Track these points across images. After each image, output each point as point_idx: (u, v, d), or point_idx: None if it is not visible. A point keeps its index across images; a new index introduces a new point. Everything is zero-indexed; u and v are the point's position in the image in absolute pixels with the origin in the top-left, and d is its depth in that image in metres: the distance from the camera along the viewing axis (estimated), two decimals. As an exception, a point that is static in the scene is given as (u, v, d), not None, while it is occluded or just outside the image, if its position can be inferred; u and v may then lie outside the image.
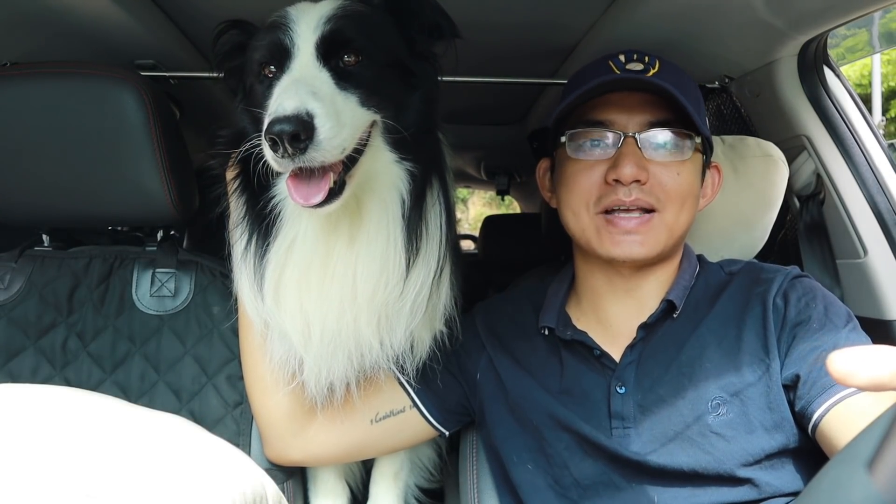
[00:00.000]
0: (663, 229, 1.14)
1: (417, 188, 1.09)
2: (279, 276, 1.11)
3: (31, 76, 1.30)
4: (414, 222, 1.08)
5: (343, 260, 1.09)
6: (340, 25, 1.02)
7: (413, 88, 1.11)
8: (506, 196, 4.70)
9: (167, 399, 1.39)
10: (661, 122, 1.13)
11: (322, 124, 0.91)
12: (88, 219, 1.45)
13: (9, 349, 1.40)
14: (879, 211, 1.50)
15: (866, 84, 10.43)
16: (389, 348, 1.15)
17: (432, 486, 1.59)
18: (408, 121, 1.08)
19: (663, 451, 1.07)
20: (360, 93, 1.01)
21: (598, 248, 1.15)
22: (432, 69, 1.14)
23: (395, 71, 1.09)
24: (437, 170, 1.12)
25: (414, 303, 1.11)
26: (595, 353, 1.17)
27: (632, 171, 1.10)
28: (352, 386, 1.21)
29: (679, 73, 1.19)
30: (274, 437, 1.30)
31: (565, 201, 1.20)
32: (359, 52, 1.02)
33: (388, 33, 1.10)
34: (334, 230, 1.08)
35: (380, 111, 1.04)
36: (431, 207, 1.11)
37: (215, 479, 0.82)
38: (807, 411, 1.01)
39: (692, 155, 1.15)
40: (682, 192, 1.14)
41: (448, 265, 1.16)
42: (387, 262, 1.08)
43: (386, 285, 1.08)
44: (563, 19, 1.61)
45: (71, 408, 0.85)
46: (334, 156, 0.94)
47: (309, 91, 0.95)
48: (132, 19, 1.46)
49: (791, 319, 1.09)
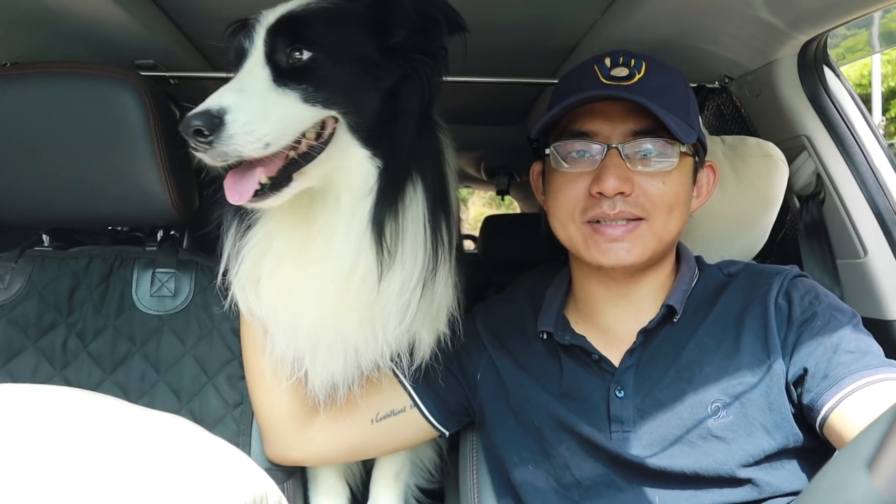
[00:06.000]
0: (651, 236, 1.12)
1: (389, 186, 1.06)
2: (258, 268, 1.12)
3: (31, 76, 1.30)
4: (385, 221, 1.05)
5: (317, 256, 1.09)
6: (292, 23, 1.03)
7: (380, 83, 1.07)
8: (506, 196, 4.70)
9: (167, 399, 1.39)
10: (645, 132, 1.11)
11: (234, 119, 0.93)
12: (88, 219, 1.45)
13: (9, 349, 1.40)
14: (879, 211, 1.50)
15: (866, 84, 10.42)
16: (384, 347, 1.14)
17: (432, 487, 1.59)
18: (377, 118, 1.06)
19: (663, 454, 1.08)
20: (302, 89, 1.00)
21: (587, 256, 1.15)
22: (427, 64, 1.09)
23: (359, 66, 1.06)
24: (421, 168, 1.09)
25: (399, 303, 1.09)
26: (594, 357, 1.17)
27: (615, 184, 1.09)
28: (353, 386, 1.21)
29: (667, 75, 1.17)
30: (274, 437, 1.30)
31: (552, 211, 1.20)
32: (309, 48, 1.02)
33: (355, 28, 1.07)
34: (310, 225, 1.09)
35: (335, 107, 1.03)
36: (412, 206, 1.08)
37: (217, 480, 0.82)
38: (815, 404, 1.00)
39: (679, 162, 1.13)
40: (668, 201, 1.12)
41: (445, 267, 1.14)
42: (357, 260, 1.06)
43: (360, 284, 1.07)
44: (563, 19, 1.61)
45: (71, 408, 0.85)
46: (254, 150, 0.95)
47: (236, 89, 0.98)
48: (132, 19, 1.46)
49: (797, 318, 1.08)
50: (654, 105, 1.06)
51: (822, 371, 1.02)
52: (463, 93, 2.28)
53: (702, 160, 1.22)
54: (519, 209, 5.31)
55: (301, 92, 1.00)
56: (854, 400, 0.97)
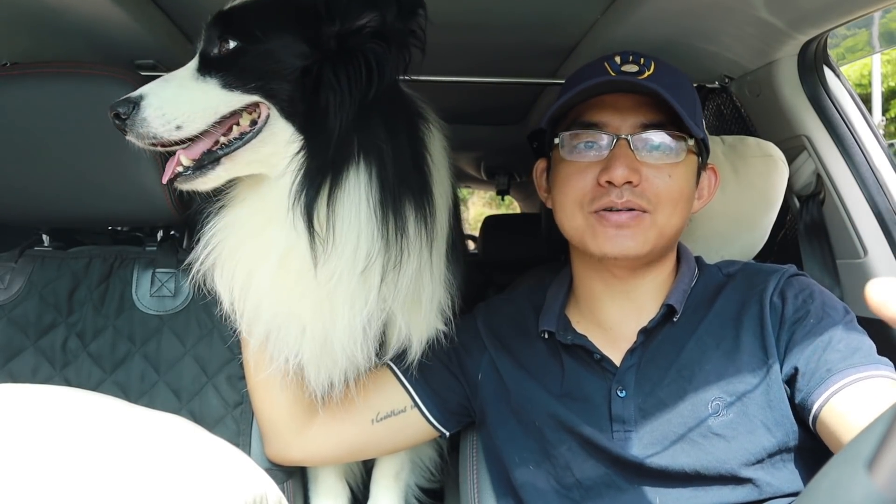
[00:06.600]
0: (654, 230, 1.13)
1: (317, 172, 1.05)
2: (220, 253, 1.15)
3: (31, 76, 1.30)
4: (314, 206, 1.05)
5: (265, 241, 1.11)
6: (224, 17, 1.09)
7: (306, 69, 1.06)
8: (506, 196, 4.70)
9: (167, 399, 1.39)
10: (654, 125, 1.13)
11: (148, 104, 1.03)
12: (88, 219, 1.45)
13: (9, 349, 1.40)
14: (879, 211, 1.50)
15: (866, 84, 10.43)
16: (348, 335, 1.12)
17: (433, 486, 1.59)
18: (307, 104, 1.06)
19: (664, 453, 1.08)
20: (221, 76, 1.06)
21: (592, 245, 1.15)
22: (378, 49, 1.06)
23: (284, 53, 1.07)
24: (371, 155, 1.07)
25: (347, 290, 1.08)
26: (595, 357, 1.17)
27: (623, 172, 1.10)
28: (350, 382, 1.21)
29: (675, 75, 1.18)
30: (274, 436, 1.30)
31: (559, 203, 1.20)
32: (235, 38, 1.07)
33: (289, 18, 1.08)
34: (263, 211, 1.12)
35: (257, 92, 1.06)
36: (352, 193, 1.06)
37: (217, 480, 0.82)
38: (807, 403, 1.01)
39: (685, 157, 1.14)
40: (673, 195, 1.13)
41: (417, 257, 1.12)
42: (293, 246, 1.07)
43: (299, 269, 1.08)
44: (563, 19, 1.61)
45: (71, 408, 0.85)
46: (165, 132, 1.03)
47: (161, 80, 1.08)
48: (132, 19, 1.46)
49: (789, 317, 1.09)
50: (668, 94, 1.07)
51: (812, 369, 1.03)
52: (463, 93, 2.28)
53: (705, 161, 1.22)
54: (519, 209, 5.31)
55: (220, 79, 1.06)
56: (842, 397, 0.98)
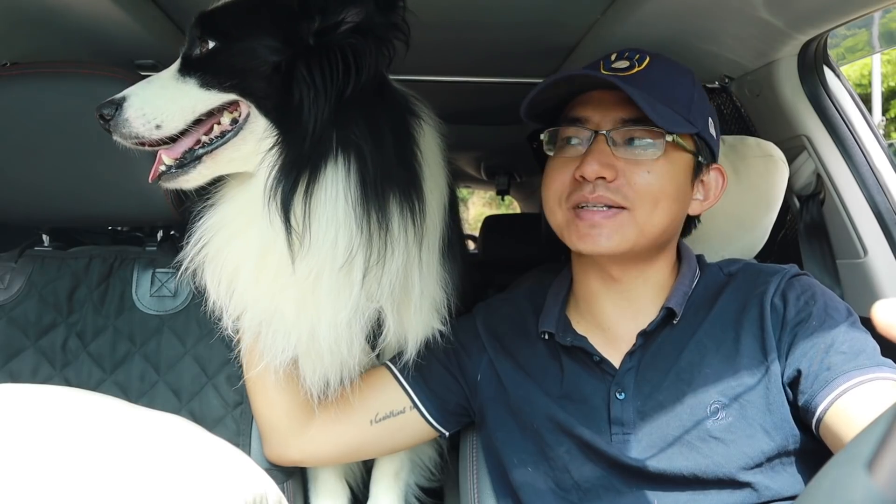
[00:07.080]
0: (632, 227, 1.11)
1: (292, 168, 1.06)
2: (209, 250, 1.15)
3: (31, 76, 1.30)
4: (291, 203, 1.05)
5: (248, 238, 1.12)
6: (204, 18, 1.10)
7: (282, 67, 1.06)
8: (506, 196, 4.70)
9: (167, 399, 1.39)
10: (633, 120, 1.12)
11: (129, 105, 1.06)
12: (88, 219, 1.45)
13: (9, 349, 1.40)
14: (879, 211, 1.50)
15: (866, 84, 10.42)
16: (332, 332, 1.12)
17: (433, 485, 1.59)
18: (283, 101, 1.06)
19: (662, 456, 1.07)
20: (200, 76, 1.07)
21: (568, 241, 1.16)
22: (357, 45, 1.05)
23: (261, 52, 1.07)
24: (351, 152, 1.07)
25: (328, 287, 1.09)
26: (595, 359, 1.17)
27: (594, 168, 1.09)
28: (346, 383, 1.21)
29: (669, 70, 1.17)
30: (274, 437, 1.30)
31: (544, 198, 1.21)
32: (214, 38, 1.08)
33: (266, 17, 1.08)
34: (245, 208, 1.12)
35: (234, 90, 1.07)
36: (328, 190, 1.06)
37: (217, 480, 0.82)
38: (810, 406, 1.00)
39: (666, 153, 1.12)
40: (653, 192, 1.11)
41: (402, 254, 1.12)
42: (272, 242, 1.08)
43: (277, 265, 1.09)
44: (563, 18, 1.61)
45: (71, 408, 0.85)
46: (146, 131, 1.06)
47: (144, 82, 1.11)
48: (132, 19, 1.46)
49: (791, 319, 1.08)
50: (633, 90, 1.05)
51: (815, 372, 1.02)
52: (463, 93, 2.28)
53: (706, 159, 1.20)
54: (519, 209, 5.31)
55: (199, 78, 1.08)
56: (846, 400, 0.97)
